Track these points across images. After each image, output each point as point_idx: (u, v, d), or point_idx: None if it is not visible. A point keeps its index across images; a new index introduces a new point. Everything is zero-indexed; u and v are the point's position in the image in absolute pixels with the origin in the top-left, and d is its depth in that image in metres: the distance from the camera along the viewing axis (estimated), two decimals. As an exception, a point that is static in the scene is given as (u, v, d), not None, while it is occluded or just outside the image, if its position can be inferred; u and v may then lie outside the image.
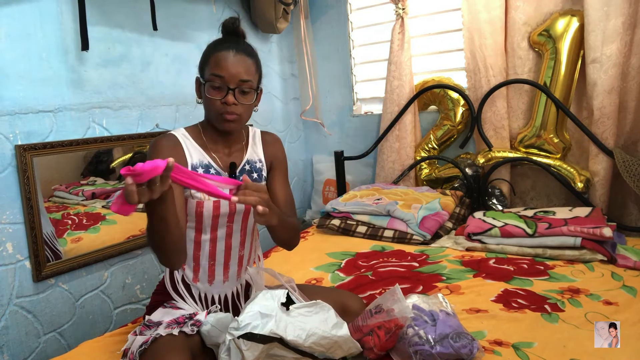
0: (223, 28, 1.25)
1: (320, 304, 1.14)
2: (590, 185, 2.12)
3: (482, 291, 1.54)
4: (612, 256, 1.69)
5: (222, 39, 1.23)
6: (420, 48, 2.62)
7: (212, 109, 1.20)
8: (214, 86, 1.18)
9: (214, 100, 1.18)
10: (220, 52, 1.18)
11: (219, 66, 1.17)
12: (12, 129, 1.65)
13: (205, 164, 1.24)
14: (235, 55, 1.18)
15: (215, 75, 1.17)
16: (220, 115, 1.19)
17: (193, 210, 1.21)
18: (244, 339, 1.01)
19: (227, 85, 1.17)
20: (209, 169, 1.24)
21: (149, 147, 1.21)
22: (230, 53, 1.18)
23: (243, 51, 1.20)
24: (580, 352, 1.15)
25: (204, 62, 1.22)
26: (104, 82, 1.93)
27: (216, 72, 1.17)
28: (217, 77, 1.17)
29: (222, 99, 1.18)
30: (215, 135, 1.27)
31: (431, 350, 1.08)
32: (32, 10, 1.70)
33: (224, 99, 1.18)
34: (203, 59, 1.23)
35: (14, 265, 1.67)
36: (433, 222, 2.11)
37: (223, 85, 1.17)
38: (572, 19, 2.11)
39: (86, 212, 1.90)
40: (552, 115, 2.20)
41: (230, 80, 1.17)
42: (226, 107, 1.18)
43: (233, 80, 1.17)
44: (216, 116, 1.20)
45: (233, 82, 1.18)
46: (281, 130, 2.95)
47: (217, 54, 1.18)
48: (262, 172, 1.35)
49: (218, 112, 1.19)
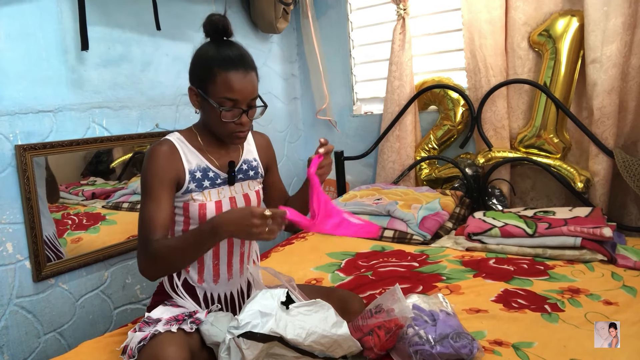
0: (211, 28, 1.20)
1: (320, 303, 1.14)
2: (590, 185, 2.12)
3: (482, 291, 1.54)
4: (612, 256, 1.69)
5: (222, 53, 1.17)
6: (420, 48, 2.62)
7: (223, 129, 1.19)
8: (227, 109, 1.16)
9: (227, 122, 1.17)
10: (230, 73, 1.14)
11: (232, 90, 1.14)
12: (12, 129, 1.65)
13: (203, 167, 1.24)
14: (245, 76, 1.16)
15: (229, 99, 1.15)
16: (232, 134, 1.20)
17: (196, 213, 1.22)
18: (244, 337, 1.01)
19: (241, 107, 1.17)
20: (207, 172, 1.25)
21: (146, 155, 1.20)
22: (240, 74, 1.15)
23: (249, 67, 1.17)
24: (580, 352, 1.15)
25: (207, 77, 1.16)
26: (104, 82, 1.93)
27: (229, 95, 1.15)
28: (230, 100, 1.15)
29: (238, 120, 1.18)
30: (212, 139, 1.27)
31: (431, 350, 1.08)
32: (32, 10, 1.70)
33: (238, 120, 1.18)
34: (205, 73, 1.17)
35: (14, 265, 1.67)
36: (433, 222, 2.11)
37: (236, 108, 1.17)
38: (572, 19, 2.11)
39: (86, 212, 1.90)
40: (552, 115, 2.20)
41: (243, 102, 1.17)
42: (240, 127, 1.19)
43: (245, 101, 1.17)
44: (228, 134, 1.20)
45: (245, 103, 1.18)
46: (281, 130, 2.95)
47: (227, 75, 1.14)
48: (258, 169, 1.37)
49: (230, 131, 1.19)
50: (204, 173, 1.24)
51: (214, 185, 1.25)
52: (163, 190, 1.16)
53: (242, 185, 1.31)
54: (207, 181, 1.24)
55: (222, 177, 1.27)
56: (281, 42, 2.93)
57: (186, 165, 1.22)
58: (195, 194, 1.22)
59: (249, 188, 1.32)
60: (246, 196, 1.30)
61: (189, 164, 1.22)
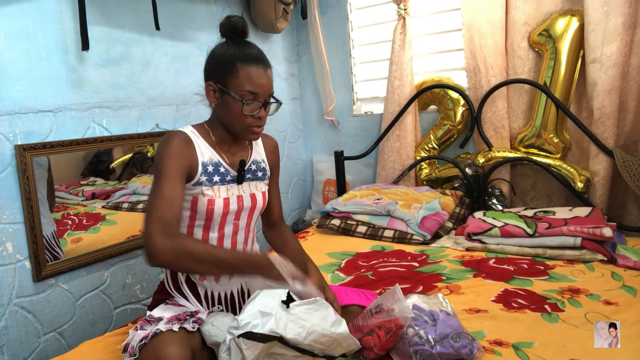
0: (230, 28, 1.24)
1: (319, 302, 1.14)
2: (590, 185, 2.12)
3: (482, 291, 1.54)
4: (612, 256, 1.69)
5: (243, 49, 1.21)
6: (420, 48, 2.62)
7: (241, 122, 1.22)
8: (248, 102, 1.19)
9: (246, 116, 1.20)
10: (252, 67, 1.19)
11: (253, 83, 1.18)
12: (12, 128, 1.65)
13: (215, 162, 1.26)
14: (266, 71, 1.21)
15: (251, 92, 1.18)
16: (249, 128, 1.22)
17: (204, 208, 1.22)
18: (244, 338, 1.01)
19: (260, 101, 1.20)
20: (218, 167, 1.26)
21: (160, 143, 1.20)
22: (261, 69, 1.20)
23: (268, 64, 1.23)
24: (580, 352, 1.15)
25: (228, 72, 1.19)
26: (104, 82, 1.93)
27: (252, 89, 1.18)
28: (252, 93, 1.19)
29: (256, 114, 1.20)
30: (224, 136, 1.29)
31: (431, 350, 1.08)
32: (32, 9, 1.70)
33: (257, 114, 1.21)
34: (226, 68, 1.19)
35: (14, 265, 1.67)
36: (433, 222, 2.11)
37: (256, 102, 1.20)
38: (572, 19, 2.11)
39: (86, 212, 1.90)
40: (552, 115, 2.20)
41: (263, 96, 1.20)
42: (258, 121, 1.22)
43: (264, 96, 1.21)
44: (244, 129, 1.23)
45: (264, 98, 1.21)
46: (281, 130, 2.95)
47: (249, 69, 1.18)
48: (265, 171, 1.38)
49: (248, 125, 1.22)
50: (215, 168, 1.25)
51: (224, 181, 1.26)
52: (179, 174, 1.17)
53: (249, 185, 1.32)
54: (217, 176, 1.25)
55: (231, 175, 1.28)
56: (281, 42, 2.93)
57: (200, 157, 1.23)
58: (206, 189, 1.22)
59: (256, 188, 1.33)
60: (253, 196, 1.31)
61: (202, 156, 1.24)
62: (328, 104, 2.93)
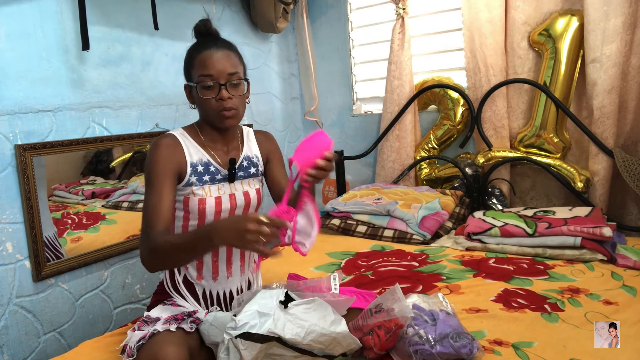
0: (196, 31, 1.28)
1: (318, 301, 1.14)
2: (590, 185, 2.12)
3: (482, 291, 1.54)
4: (612, 256, 1.69)
5: (199, 42, 1.26)
6: (420, 48, 2.62)
7: (209, 109, 1.22)
8: (206, 86, 1.20)
9: (209, 100, 1.21)
10: (203, 53, 1.21)
11: (206, 66, 1.20)
12: (12, 128, 1.65)
13: (204, 162, 1.26)
14: (217, 52, 1.22)
15: (204, 75, 1.20)
16: (218, 113, 1.22)
17: (196, 208, 1.23)
18: (242, 338, 1.00)
19: (218, 82, 1.20)
20: (208, 167, 1.26)
21: (149, 147, 1.23)
22: (212, 51, 1.21)
23: (223, 46, 1.24)
24: (580, 352, 1.15)
25: (189, 67, 1.25)
26: (104, 82, 1.93)
27: (204, 72, 1.20)
28: (206, 76, 1.20)
29: (217, 96, 1.21)
30: (212, 134, 1.29)
31: (431, 350, 1.08)
32: (32, 10, 1.70)
33: (218, 95, 1.20)
34: (187, 64, 1.26)
35: (13, 265, 1.67)
36: (433, 222, 2.11)
37: (214, 83, 1.20)
38: (572, 19, 2.11)
39: (86, 211, 1.90)
40: (552, 114, 2.20)
41: (220, 77, 1.21)
42: (222, 104, 1.21)
43: (222, 76, 1.21)
44: (215, 115, 1.23)
45: (223, 78, 1.21)
46: (281, 130, 2.94)
47: (200, 55, 1.22)
48: (258, 167, 1.38)
49: (216, 110, 1.22)
50: (205, 167, 1.26)
51: (214, 180, 1.26)
52: (165, 180, 1.18)
53: (242, 183, 1.32)
54: (207, 176, 1.26)
55: (222, 174, 1.28)
56: (281, 42, 2.93)
57: (188, 158, 1.24)
58: (196, 188, 1.23)
59: (249, 186, 1.33)
60: (246, 194, 1.31)
61: (190, 157, 1.25)
62: (311, 105, 2.94)
